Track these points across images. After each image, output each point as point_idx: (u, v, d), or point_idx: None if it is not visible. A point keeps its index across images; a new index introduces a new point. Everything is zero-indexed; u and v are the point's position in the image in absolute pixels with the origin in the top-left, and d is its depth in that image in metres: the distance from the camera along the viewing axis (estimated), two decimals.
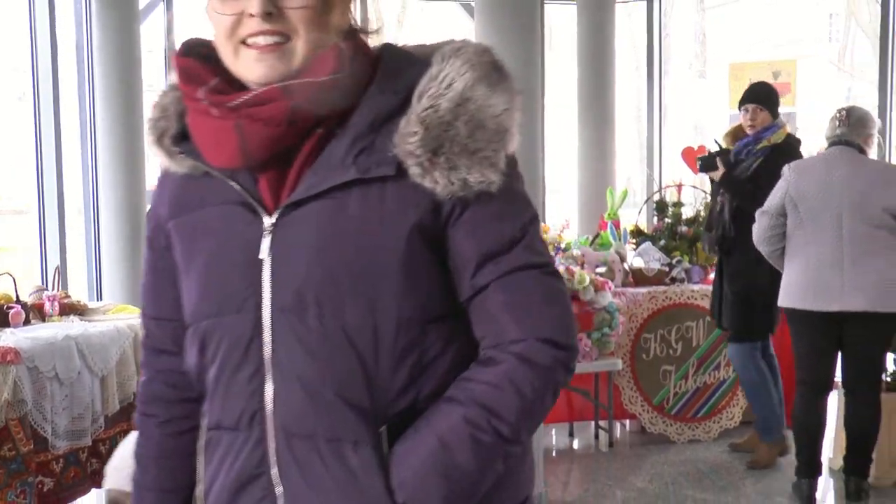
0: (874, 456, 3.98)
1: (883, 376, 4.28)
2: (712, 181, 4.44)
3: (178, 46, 1.17)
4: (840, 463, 4.08)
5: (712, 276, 4.81)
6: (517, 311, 1.12)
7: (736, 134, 4.43)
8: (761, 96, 4.36)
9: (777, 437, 4.45)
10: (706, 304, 4.74)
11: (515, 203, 1.14)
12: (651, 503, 3.95)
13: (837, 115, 3.96)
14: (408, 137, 1.08)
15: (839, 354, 3.91)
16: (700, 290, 4.91)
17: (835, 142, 3.92)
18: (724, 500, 3.99)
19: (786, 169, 4.00)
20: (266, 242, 1.12)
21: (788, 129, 4.48)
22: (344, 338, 1.09)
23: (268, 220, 1.12)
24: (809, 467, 3.93)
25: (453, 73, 1.10)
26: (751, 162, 4.27)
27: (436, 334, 1.12)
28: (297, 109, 1.08)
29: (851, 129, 3.89)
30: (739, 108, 4.40)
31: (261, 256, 1.12)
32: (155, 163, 1.24)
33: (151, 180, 4.58)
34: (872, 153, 4.00)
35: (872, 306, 3.71)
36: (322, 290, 1.09)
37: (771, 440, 4.43)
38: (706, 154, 4.41)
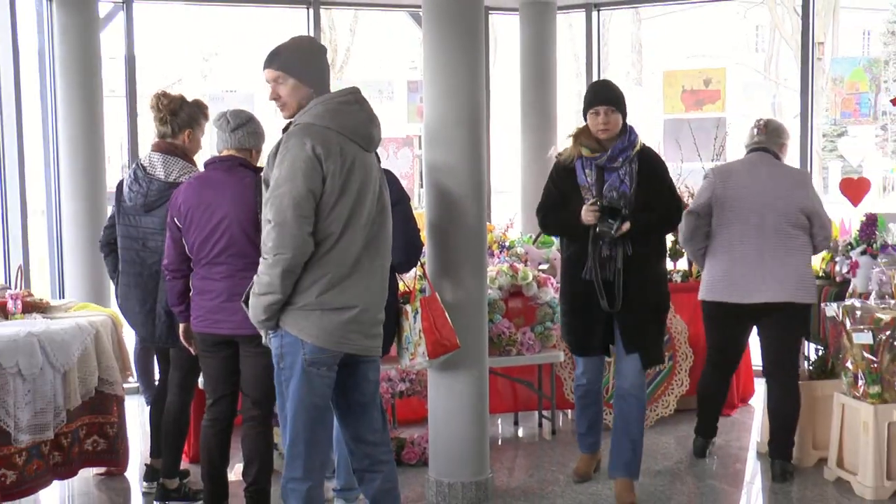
0: (797, 439, 4.28)
1: (805, 365, 4.62)
2: (601, 233, 3.75)
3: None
4: (766, 447, 4.36)
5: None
6: None
7: (587, 135, 3.89)
8: (616, 98, 3.86)
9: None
10: None
11: None
12: (591, 487, 4.17)
13: (756, 124, 4.39)
14: None
15: (752, 345, 4.32)
16: None
17: (754, 148, 4.33)
18: (658, 483, 4.23)
19: (710, 172, 4.34)
20: None
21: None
22: None
23: None
24: (707, 428, 4.57)
25: None
26: (628, 169, 3.83)
27: None
28: None
29: (768, 137, 4.33)
30: (588, 110, 3.87)
31: None
32: (115, 166, 0.96)
33: (111, 183, 4.69)
34: (786, 160, 4.41)
35: (790, 297, 4.09)
36: None
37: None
38: (606, 219, 3.71)
